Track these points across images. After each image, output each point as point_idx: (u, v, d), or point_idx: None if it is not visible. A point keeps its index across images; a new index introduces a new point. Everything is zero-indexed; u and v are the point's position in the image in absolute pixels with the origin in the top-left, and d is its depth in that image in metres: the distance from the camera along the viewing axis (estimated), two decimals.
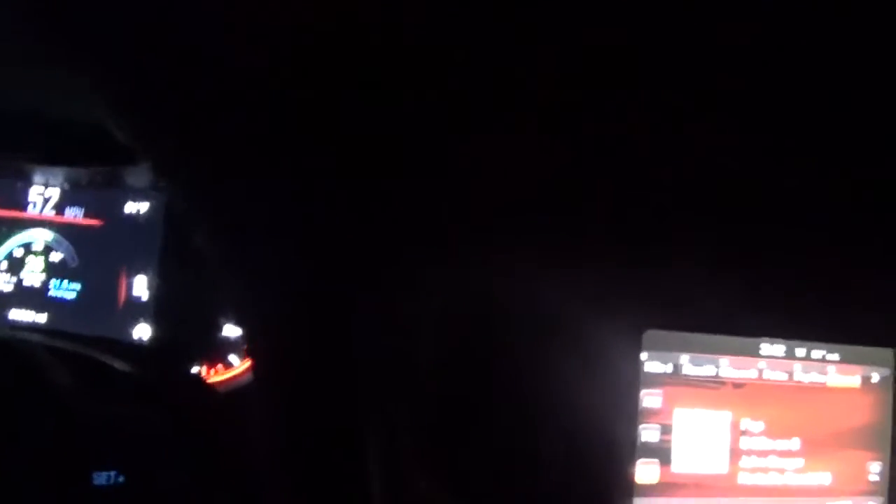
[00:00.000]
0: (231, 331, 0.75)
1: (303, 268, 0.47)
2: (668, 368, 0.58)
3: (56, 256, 0.78)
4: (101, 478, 0.47)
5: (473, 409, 0.57)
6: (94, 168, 0.75)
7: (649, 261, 0.56)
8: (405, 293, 0.52)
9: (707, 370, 0.58)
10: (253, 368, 0.51)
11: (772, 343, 0.59)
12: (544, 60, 0.49)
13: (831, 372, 0.60)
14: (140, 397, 0.61)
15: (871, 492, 0.60)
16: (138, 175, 0.74)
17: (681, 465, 0.58)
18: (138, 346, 0.74)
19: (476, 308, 0.57)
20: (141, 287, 0.75)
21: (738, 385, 0.59)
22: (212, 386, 0.72)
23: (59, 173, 0.77)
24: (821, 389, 0.59)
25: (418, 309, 0.53)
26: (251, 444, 0.54)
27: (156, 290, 0.74)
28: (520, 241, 0.56)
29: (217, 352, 0.75)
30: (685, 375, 0.58)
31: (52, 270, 0.77)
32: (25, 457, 0.45)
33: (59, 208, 0.78)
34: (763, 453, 0.59)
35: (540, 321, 0.56)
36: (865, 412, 0.60)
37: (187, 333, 0.74)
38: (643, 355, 0.58)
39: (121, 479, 0.48)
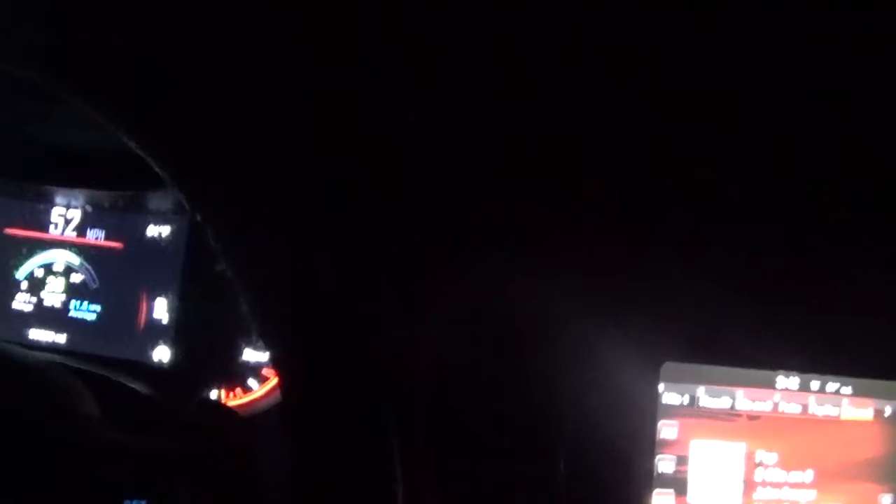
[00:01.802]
0: (250, 354, 0.75)
1: (325, 286, 0.47)
2: (685, 400, 0.59)
3: (77, 277, 0.78)
4: None
5: (488, 437, 0.58)
6: (116, 191, 0.76)
7: (668, 294, 0.57)
8: (427, 317, 0.53)
9: (723, 402, 0.59)
10: (278, 389, 0.51)
11: (787, 376, 0.60)
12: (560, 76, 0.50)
13: (845, 405, 0.60)
14: (162, 422, 0.61)
15: None
16: (160, 199, 0.75)
17: (696, 496, 0.59)
18: (158, 368, 0.75)
19: (494, 336, 0.57)
20: (161, 310, 0.76)
21: (753, 417, 0.59)
22: (231, 410, 0.72)
23: (80, 196, 0.78)
24: (834, 422, 0.60)
25: (439, 331, 0.54)
26: (270, 468, 0.55)
27: (176, 313, 0.75)
28: (541, 271, 0.57)
29: (236, 375, 0.76)
30: (701, 407, 0.59)
31: (73, 291, 0.78)
32: (55, 489, 0.46)
33: (81, 230, 0.78)
34: (777, 485, 0.59)
35: (559, 353, 0.57)
36: (878, 445, 0.61)
37: (207, 357, 0.75)
38: (661, 387, 0.58)
39: None
